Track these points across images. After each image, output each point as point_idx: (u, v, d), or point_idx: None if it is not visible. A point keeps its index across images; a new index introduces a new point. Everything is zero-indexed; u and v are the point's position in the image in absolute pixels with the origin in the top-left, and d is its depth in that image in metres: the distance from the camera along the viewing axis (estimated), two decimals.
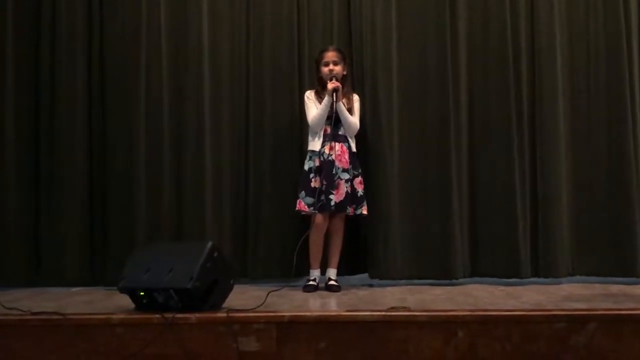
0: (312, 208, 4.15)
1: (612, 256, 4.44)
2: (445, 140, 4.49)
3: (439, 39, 4.57)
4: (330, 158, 4.19)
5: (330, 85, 4.19)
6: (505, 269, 4.45)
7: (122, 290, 3.27)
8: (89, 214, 4.54)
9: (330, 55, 4.31)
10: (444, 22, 4.57)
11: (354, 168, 4.25)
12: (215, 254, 3.18)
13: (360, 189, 4.25)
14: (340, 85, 4.20)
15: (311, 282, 4.17)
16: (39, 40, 4.61)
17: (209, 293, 3.14)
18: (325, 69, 4.29)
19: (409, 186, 4.52)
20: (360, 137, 4.40)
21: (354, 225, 4.49)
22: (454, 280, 4.43)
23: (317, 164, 4.21)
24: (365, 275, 4.53)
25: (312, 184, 4.18)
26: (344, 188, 4.18)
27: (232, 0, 4.68)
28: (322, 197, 4.13)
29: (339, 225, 4.26)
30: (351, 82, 4.45)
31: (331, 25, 4.67)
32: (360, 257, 4.53)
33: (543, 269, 4.47)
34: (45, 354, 3.01)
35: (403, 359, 2.96)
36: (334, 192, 4.15)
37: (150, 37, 4.60)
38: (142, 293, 3.18)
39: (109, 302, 3.62)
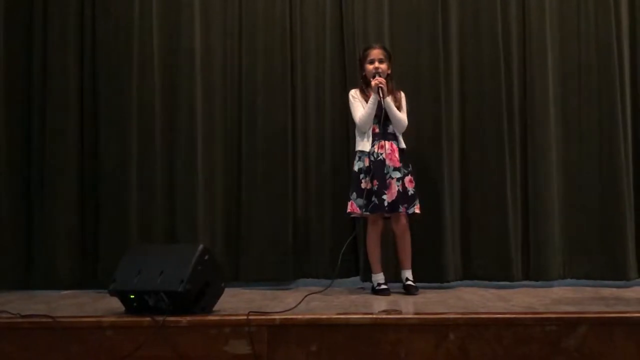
0: (363, 210, 4.08)
1: (603, 259, 4.46)
2: (438, 143, 4.50)
3: (431, 42, 4.58)
4: (380, 157, 4.10)
5: (374, 82, 4.09)
6: (497, 272, 4.46)
7: (113, 293, 3.25)
8: (80, 216, 4.55)
9: (376, 52, 4.21)
10: (436, 25, 4.58)
11: (404, 166, 4.15)
12: (207, 257, 3.18)
13: (410, 187, 4.13)
14: (385, 81, 4.11)
15: (383, 286, 4.10)
16: (30, 39, 4.62)
17: (200, 296, 3.13)
18: (370, 67, 4.18)
19: None
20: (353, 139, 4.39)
21: (345, 227, 4.50)
22: (446, 283, 4.43)
23: (367, 164, 4.11)
24: (357, 278, 4.52)
25: (363, 185, 4.08)
26: (395, 187, 4.08)
27: (225, 1, 4.68)
28: (374, 198, 4.06)
29: (404, 226, 4.17)
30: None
31: (324, 26, 4.68)
32: (352, 260, 4.53)
33: (534, 272, 4.49)
34: (35, 357, 2.99)
35: None
36: (386, 192, 4.06)
37: (142, 40, 4.61)
38: (132, 296, 3.16)
39: (100, 305, 3.60)
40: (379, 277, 4.16)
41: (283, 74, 4.62)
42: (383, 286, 4.11)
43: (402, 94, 4.27)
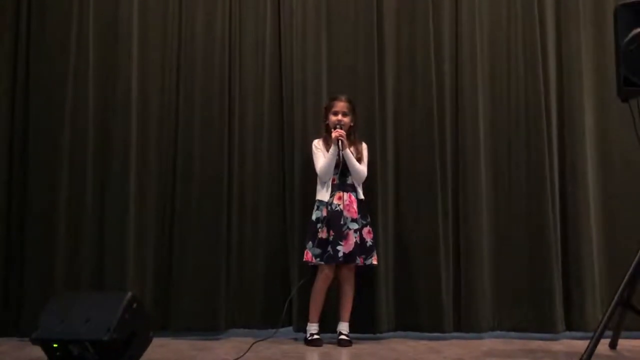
0: (318, 259, 4.11)
1: (531, 312, 4.52)
2: (372, 193, 4.52)
3: (368, 96, 4.64)
4: (338, 208, 4.17)
5: (335, 134, 4.18)
6: (429, 324, 4.48)
7: (35, 342, 3.13)
8: (3, 260, 4.38)
9: (341, 105, 4.31)
10: (372, 76, 4.65)
11: (362, 217, 4.21)
12: (135, 305, 3.11)
13: (369, 239, 4.21)
14: (344, 133, 4.20)
15: (316, 337, 4.10)
16: None
17: (126, 345, 3.05)
18: (333, 118, 4.29)
19: None
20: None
21: (279, 277, 4.48)
22: (379, 334, 4.43)
23: (325, 214, 4.16)
24: (290, 328, 4.47)
25: (320, 235, 4.12)
26: (352, 238, 4.14)
27: (163, 45, 4.68)
28: (329, 248, 4.10)
29: (348, 277, 4.20)
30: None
31: (262, 72, 4.70)
32: (286, 310, 4.48)
33: (465, 323, 4.52)
34: None
35: None
36: (342, 242, 4.11)
37: (76, 84, 4.53)
38: (56, 345, 3.05)
39: (21, 354, 3.48)
40: (312, 328, 4.15)
41: (221, 117, 4.59)
42: (316, 336, 4.10)
43: (364, 146, 4.38)
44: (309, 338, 4.11)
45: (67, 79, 4.53)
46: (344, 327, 4.17)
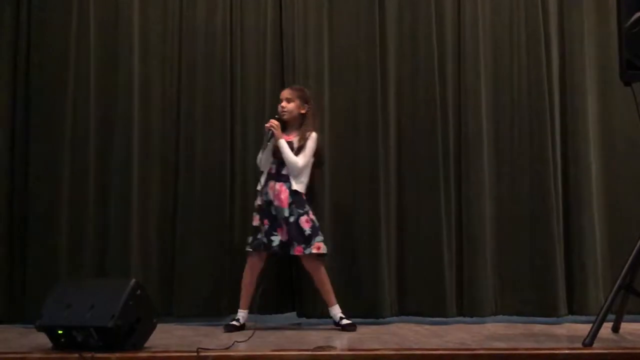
0: (248, 246, 4.13)
1: (534, 296, 4.52)
2: (375, 180, 4.53)
3: (370, 82, 4.63)
4: (269, 198, 4.15)
5: (267, 125, 4.19)
6: (431, 308, 4.49)
7: (40, 329, 3.16)
8: (7, 247, 4.40)
9: (283, 93, 4.31)
10: (374, 61, 4.64)
11: (297, 207, 4.14)
12: (139, 292, 3.12)
13: (307, 228, 4.12)
14: (276, 124, 4.17)
15: (233, 322, 4.09)
16: None
17: (130, 332, 3.07)
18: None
19: (338, 224, 4.54)
20: None
21: (281, 263, 4.49)
22: (381, 319, 4.44)
23: (260, 202, 4.18)
24: (294, 313, 4.49)
25: (253, 222, 4.16)
26: (285, 228, 4.12)
27: (164, 35, 4.67)
28: (261, 237, 4.10)
29: (313, 266, 4.15)
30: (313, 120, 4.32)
31: (264, 64, 4.68)
32: (288, 296, 4.51)
33: (468, 308, 4.53)
34: None
35: None
36: (277, 232, 4.11)
37: (78, 74, 4.53)
38: (60, 331, 3.07)
39: (26, 341, 3.49)
40: (238, 314, 4.14)
41: (223, 108, 4.59)
42: (233, 322, 4.09)
43: (312, 136, 4.24)
44: (228, 322, 4.10)
45: (68, 67, 4.52)
46: (336, 310, 4.15)
